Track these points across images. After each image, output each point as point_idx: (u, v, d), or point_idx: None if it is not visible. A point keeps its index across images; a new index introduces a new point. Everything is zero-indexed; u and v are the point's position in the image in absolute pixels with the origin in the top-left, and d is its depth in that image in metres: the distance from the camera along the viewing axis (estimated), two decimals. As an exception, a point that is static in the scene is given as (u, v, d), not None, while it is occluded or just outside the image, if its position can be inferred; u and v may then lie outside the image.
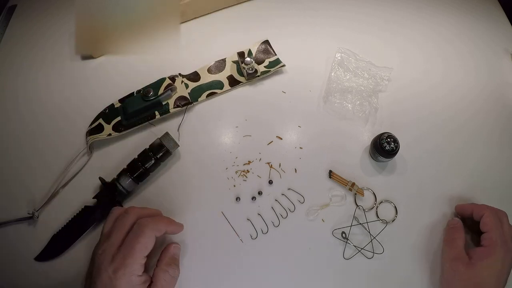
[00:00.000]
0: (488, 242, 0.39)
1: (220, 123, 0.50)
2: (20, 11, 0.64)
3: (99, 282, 0.33)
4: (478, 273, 0.38)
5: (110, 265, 0.33)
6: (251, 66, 0.52)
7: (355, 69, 0.54)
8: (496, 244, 0.39)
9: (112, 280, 0.33)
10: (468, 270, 0.38)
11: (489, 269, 0.38)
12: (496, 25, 0.61)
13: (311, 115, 0.51)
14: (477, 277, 0.38)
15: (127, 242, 0.35)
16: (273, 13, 0.62)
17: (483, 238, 0.40)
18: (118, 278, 0.33)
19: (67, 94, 0.53)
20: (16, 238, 0.43)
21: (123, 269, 0.33)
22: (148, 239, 0.35)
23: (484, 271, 0.38)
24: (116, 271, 0.33)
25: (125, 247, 0.34)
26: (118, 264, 0.33)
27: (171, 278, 0.37)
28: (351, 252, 0.41)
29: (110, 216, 0.38)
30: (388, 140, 0.44)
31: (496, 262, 0.38)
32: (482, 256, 0.38)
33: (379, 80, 0.53)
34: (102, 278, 0.33)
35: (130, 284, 0.33)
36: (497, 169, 0.47)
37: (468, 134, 0.50)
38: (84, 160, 0.47)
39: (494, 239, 0.39)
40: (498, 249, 0.38)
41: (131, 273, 0.33)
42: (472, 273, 0.38)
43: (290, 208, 0.44)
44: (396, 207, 0.44)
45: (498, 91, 0.54)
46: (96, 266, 0.34)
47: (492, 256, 0.38)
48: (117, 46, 0.57)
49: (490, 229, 0.40)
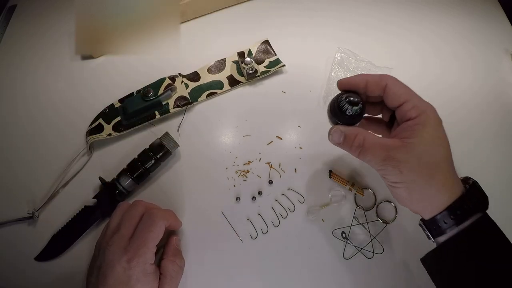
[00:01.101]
0: (415, 111, 0.31)
1: (220, 123, 0.50)
2: (20, 11, 0.64)
3: (111, 274, 0.33)
4: (427, 151, 0.30)
5: (123, 256, 0.34)
6: (251, 66, 0.52)
7: (355, 69, 0.54)
8: (426, 108, 0.31)
9: (126, 270, 0.33)
10: (412, 152, 0.29)
11: (436, 140, 0.30)
12: (496, 25, 0.61)
13: (311, 115, 0.51)
14: (427, 156, 0.30)
15: (138, 232, 0.35)
16: (273, 13, 0.62)
17: (405, 111, 0.31)
18: (132, 267, 0.33)
19: (67, 94, 0.53)
20: (16, 238, 0.43)
21: (137, 259, 0.34)
22: (159, 228, 0.36)
23: (433, 146, 0.30)
24: (130, 261, 0.33)
25: (137, 237, 0.35)
26: (132, 254, 0.34)
27: (179, 268, 0.38)
28: (351, 252, 0.41)
29: (117, 210, 0.39)
30: (352, 100, 0.33)
31: (438, 128, 0.31)
32: (417, 128, 0.30)
33: None
34: (115, 270, 0.33)
35: (144, 273, 0.34)
36: (494, 168, 0.47)
37: (467, 134, 0.50)
38: (84, 160, 0.47)
39: (419, 104, 0.31)
40: (433, 114, 0.31)
41: (145, 261, 0.34)
42: (418, 153, 0.30)
43: (290, 208, 0.44)
44: (396, 207, 0.44)
45: (498, 91, 0.54)
46: (106, 259, 0.34)
47: (430, 124, 0.30)
48: (117, 46, 0.57)
49: (407, 95, 0.32)
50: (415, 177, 0.30)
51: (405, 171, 0.30)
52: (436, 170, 0.30)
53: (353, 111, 0.33)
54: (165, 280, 0.36)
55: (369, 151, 0.32)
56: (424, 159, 0.30)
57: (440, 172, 0.30)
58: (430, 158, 0.30)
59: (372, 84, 0.34)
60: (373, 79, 0.34)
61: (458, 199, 0.30)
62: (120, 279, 0.33)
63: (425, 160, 0.30)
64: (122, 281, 0.33)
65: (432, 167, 0.30)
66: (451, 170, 0.31)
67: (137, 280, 0.33)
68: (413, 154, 0.30)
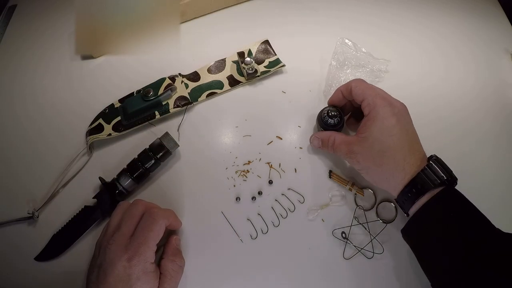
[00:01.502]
0: (368, 108, 0.37)
1: (220, 123, 0.50)
2: (20, 11, 0.64)
3: (111, 272, 0.33)
4: (376, 142, 0.36)
5: (124, 254, 0.34)
6: (251, 66, 0.52)
7: (355, 61, 0.54)
8: (375, 104, 0.36)
9: (126, 269, 0.33)
10: (364, 144, 0.36)
11: (384, 131, 0.35)
12: (496, 25, 0.61)
13: (311, 115, 0.51)
14: (377, 145, 0.35)
15: (139, 231, 0.36)
16: (273, 13, 0.62)
17: (363, 108, 0.38)
18: (133, 266, 0.33)
19: (67, 94, 0.53)
20: (16, 238, 0.43)
21: (137, 257, 0.34)
22: (160, 227, 0.36)
23: (381, 136, 0.35)
24: (131, 259, 0.33)
25: (138, 235, 0.35)
26: (132, 252, 0.34)
27: (179, 268, 0.38)
28: (351, 252, 0.41)
29: (118, 209, 0.39)
30: (330, 114, 0.43)
31: (386, 120, 0.36)
32: (368, 123, 0.36)
33: (378, 72, 0.53)
34: (116, 268, 0.33)
35: (144, 271, 0.34)
36: (494, 169, 0.47)
37: (467, 134, 0.50)
38: (84, 160, 0.47)
39: (371, 101, 0.37)
40: (382, 108, 0.36)
41: (146, 260, 0.34)
42: (370, 144, 0.36)
43: (290, 208, 0.44)
44: (396, 207, 0.44)
45: (498, 91, 0.54)
46: (107, 257, 0.34)
47: (378, 118, 0.36)
48: (117, 46, 0.57)
49: (364, 94, 0.38)
50: (369, 164, 0.37)
51: (361, 160, 0.38)
52: (384, 157, 0.36)
53: (334, 121, 0.43)
54: (165, 280, 0.36)
55: (337, 148, 0.41)
56: (375, 148, 0.36)
57: (390, 157, 0.36)
58: (379, 147, 0.36)
59: (344, 91, 0.42)
60: (344, 87, 0.41)
61: (411, 180, 0.35)
62: (120, 277, 0.33)
63: (376, 149, 0.36)
64: (122, 279, 0.33)
65: (380, 155, 0.36)
66: (401, 155, 0.36)
67: (137, 279, 0.33)
68: (365, 146, 0.37)
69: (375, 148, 0.36)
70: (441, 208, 0.34)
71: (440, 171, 0.35)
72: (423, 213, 0.35)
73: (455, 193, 0.35)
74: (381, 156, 0.36)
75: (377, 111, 0.36)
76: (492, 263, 0.31)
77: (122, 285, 0.33)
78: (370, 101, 0.37)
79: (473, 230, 0.33)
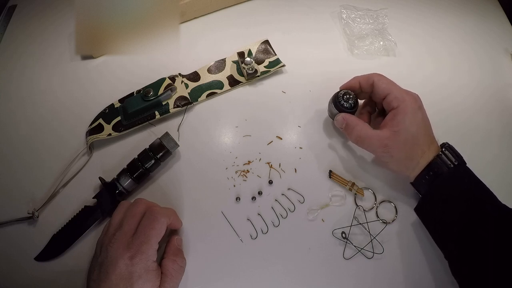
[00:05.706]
0: (396, 101, 0.39)
1: (220, 123, 0.50)
2: (20, 11, 0.64)
3: (113, 270, 0.33)
4: (409, 135, 0.38)
5: (126, 252, 0.34)
6: (251, 66, 0.52)
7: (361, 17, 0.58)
8: (404, 99, 0.39)
9: (128, 267, 0.33)
10: (398, 138, 0.38)
11: (414, 124, 0.38)
12: (496, 25, 0.61)
13: (311, 115, 0.51)
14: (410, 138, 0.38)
15: (141, 229, 0.36)
16: (273, 13, 0.62)
17: (389, 102, 0.40)
18: (135, 264, 0.33)
19: (67, 94, 0.53)
20: (16, 238, 0.43)
21: (139, 255, 0.34)
22: (162, 225, 0.37)
23: (410, 128, 0.38)
24: (133, 257, 0.34)
25: (140, 234, 0.35)
26: (134, 250, 0.34)
27: (180, 267, 0.38)
28: (351, 252, 0.41)
29: (119, 208, 0.39)
30: (346, 97, 0.44)
31: (416, 113, 0.39)
32: (399, 117, 0.38)
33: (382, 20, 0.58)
34: (118, 266, 0.33)
35: (146, 269, 0.34)
36: (496, 169, 0.47)
37: (467, 134, 0.50)
38: (84, 160, 0.47)
39: (399, 95, 0.39)
40: (410, 103, 0.39)
41: (147, 258, 0.34)
42: (403, 138, 0.38)
43: (290, 208, 0.44)
44: (396, 207, 0.44)
45: (498, 91, 0.54)
46: (109, 256, 0.34)
47: (409, 111, 0.38)
48: (117, 46, 0.56)
49: (390, 89, 0.40)
50: (402, 155, 0.39)
51: (395, 153, 0.39)
52: (414, 147, 0.39)
53: (348, 104, 0.44)
54: (166, 279, 0.36)
55: (366, 140, 0.41)
56: (409, 141, 0.39)
57: (418, 147, 0.39)
58: (412, 140, 0.39)
59: (363, 82, 0.43)
60: (363, 78, 0.43)
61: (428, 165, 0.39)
62: (122, 275, 0.33)
63: (409, 142, 0.39)
64: (124, 277, 0.33)
65: (410, 147, 0.39)
66: (426, 144, 0.39)
67: (139, 277, 0.33)
68: (399, 139, 0.39)
69: (408, 141, 0.38)
70: (451, 184, 0.38)
71: (452, 157, 0.39)
72: (435, 190, 0.38)
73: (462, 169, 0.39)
74: (411, 147, 0.39)
75: (406, 105, 0.39)
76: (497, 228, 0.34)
77: (124, 283, 0.33)
78: (398, 96, 0.39)
79: (479, 201, 0.36)
